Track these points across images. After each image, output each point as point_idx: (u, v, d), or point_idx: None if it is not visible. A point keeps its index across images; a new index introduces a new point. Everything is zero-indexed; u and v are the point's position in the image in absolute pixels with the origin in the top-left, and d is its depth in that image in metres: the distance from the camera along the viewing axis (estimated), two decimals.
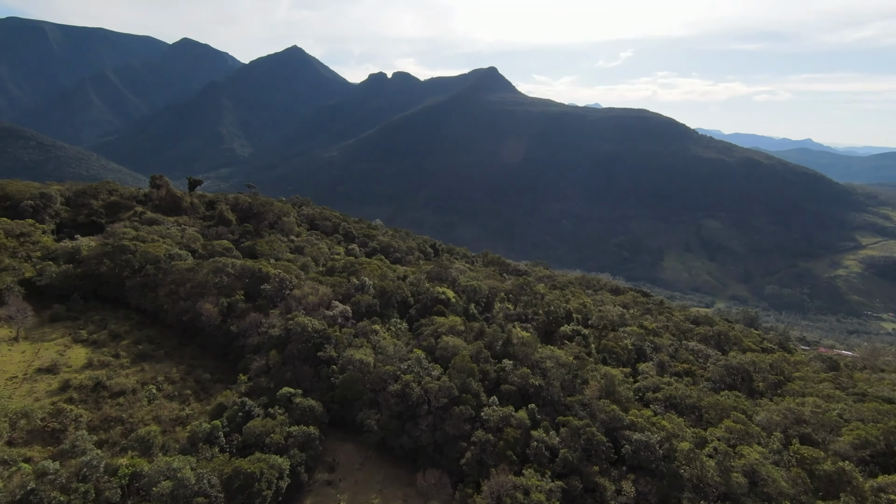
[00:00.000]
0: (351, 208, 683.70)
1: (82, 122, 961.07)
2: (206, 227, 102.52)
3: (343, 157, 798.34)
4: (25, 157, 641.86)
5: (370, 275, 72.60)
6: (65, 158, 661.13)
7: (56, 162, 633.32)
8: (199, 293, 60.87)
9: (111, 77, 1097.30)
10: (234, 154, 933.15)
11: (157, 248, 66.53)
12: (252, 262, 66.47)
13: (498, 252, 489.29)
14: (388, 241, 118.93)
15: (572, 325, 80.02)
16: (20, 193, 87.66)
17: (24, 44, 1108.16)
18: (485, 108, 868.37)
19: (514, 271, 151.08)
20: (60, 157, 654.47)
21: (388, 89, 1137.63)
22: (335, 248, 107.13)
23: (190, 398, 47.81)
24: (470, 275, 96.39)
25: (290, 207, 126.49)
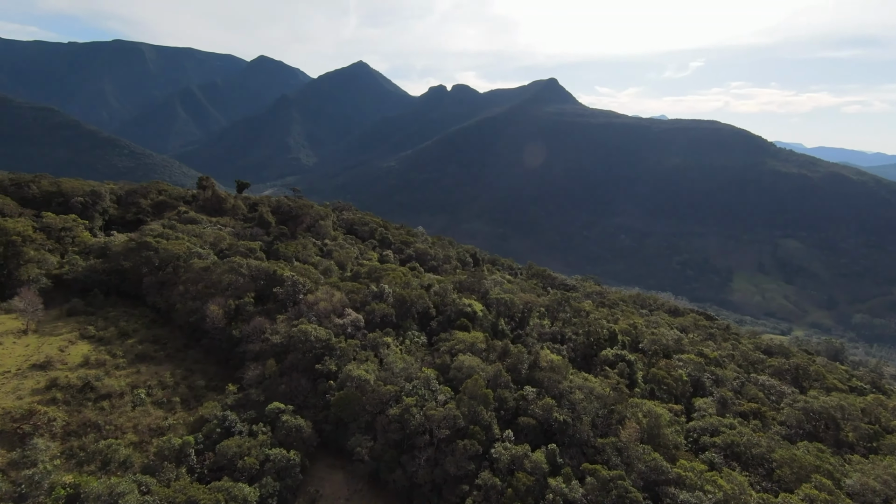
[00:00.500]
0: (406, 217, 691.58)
1: (169, 133, 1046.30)
2: (245, 228, 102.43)
3: (400, 166, 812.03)
4: (119, 163, 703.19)
5: (392, 282, 67.28)
6: (152, 165, 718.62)
7: (144, 168, 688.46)
8: (210, 293, 58.20)
9: (196, 92, 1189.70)
10: (299, 163, 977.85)
11: (178, 246, 65.02)
12: (267, 264, 63.25)
13: (552, 266, 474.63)
14: (425, 248, 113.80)
15: (616, 348, 70.31)
16: (73, 190, 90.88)
17: (126, 63, 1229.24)
18: (543, 119, 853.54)
19: (560, 285, 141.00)
20: (148, 164, 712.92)
21: (447, 101, 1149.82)
22: (368, 253, 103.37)
23: (177, 406, 44.24)
24: (505, 287, 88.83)
25: (329, 211, 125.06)
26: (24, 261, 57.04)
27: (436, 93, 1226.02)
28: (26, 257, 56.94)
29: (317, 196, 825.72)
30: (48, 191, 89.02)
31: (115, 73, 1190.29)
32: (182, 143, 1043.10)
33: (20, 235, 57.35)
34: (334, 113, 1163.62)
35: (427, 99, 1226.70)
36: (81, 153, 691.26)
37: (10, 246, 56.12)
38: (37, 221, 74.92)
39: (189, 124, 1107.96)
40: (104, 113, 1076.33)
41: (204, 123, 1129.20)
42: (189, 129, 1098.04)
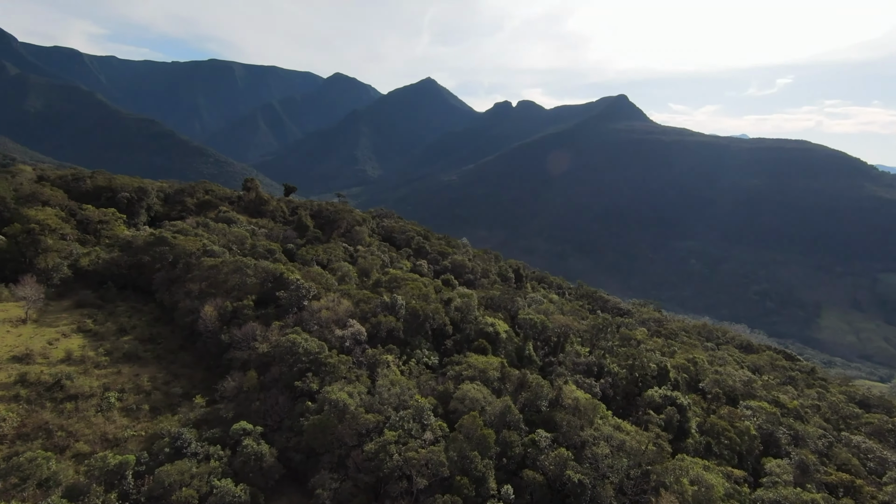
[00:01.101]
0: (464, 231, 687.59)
1: (250, 144, 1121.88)
2: (277, 230, 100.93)
3: (461, 181, 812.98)
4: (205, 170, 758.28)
5: (408, 293, 60.82)
6: (232, 173, 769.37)
7: (226, 176, 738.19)
8: (212, 293, 54.75)
9: (276, 106, 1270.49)
10: (365, 175, 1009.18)
11: (193, 243, 62.73)
12: (275, 265, 59.08)
13: (612, 289, 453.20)
14: (463, 260, 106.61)
15: (666, 387, 59.01)
16: (122, 187, 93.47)
17: (218, 80, 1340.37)
18: (610, 136, 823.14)
19: (611, 309, 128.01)
20: (229, 172, 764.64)
21: (512, 117, 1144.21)
22: (401, 262, 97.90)
23: (145, 415, 40.06)
24: (542, 307, 79.48)
25: (368, 217, 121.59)
26: (42, 249, 56.68)
27: (500, 109, 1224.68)
28: (44, 246, 56.55)
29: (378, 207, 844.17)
30: (99, 186, 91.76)
31: (209, 89, 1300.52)
32: (261, 153, 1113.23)
33: (39, 224, 57.18)
34: (401, 127, 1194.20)
35: (491, 115, 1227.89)
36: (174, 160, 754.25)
37: (28, 234, 55.97)
38: (76, 214, 76.53)
39: (268, 136, 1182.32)
40: (197, 125, 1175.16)
41: (281, 135, 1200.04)
42: (268, 140, 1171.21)
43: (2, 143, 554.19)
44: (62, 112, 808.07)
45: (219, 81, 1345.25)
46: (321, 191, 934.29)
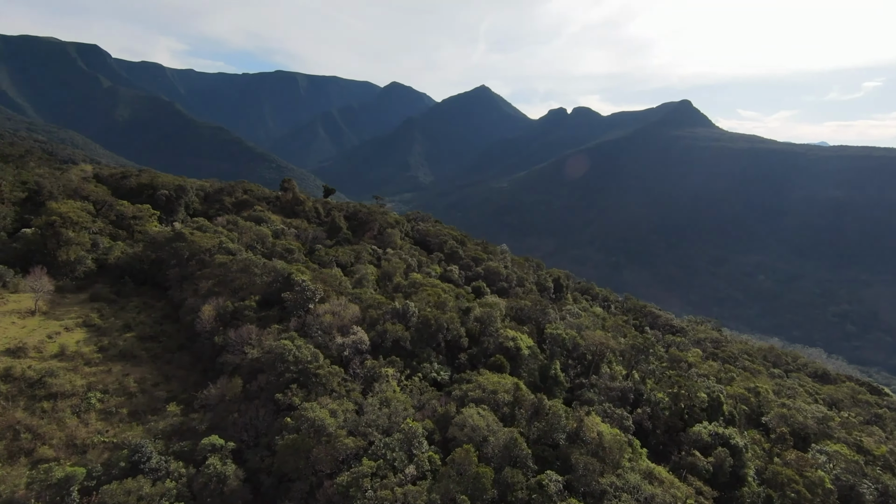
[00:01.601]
0: (512, 238, 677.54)
1: (309, 150, 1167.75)
2: (316, 231, 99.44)
3: (512, 188, 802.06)
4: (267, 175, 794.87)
5: (423, 300, 55.74)
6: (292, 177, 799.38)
7: None
8: (216, 292, 52.30)
9: (335, 115, 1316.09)
10: (417, 181, 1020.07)
11: (207, 240, 61.10)
12: (284, 265, 55.93)
13: (669, 304, 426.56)
14: (497, 267, 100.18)
15: (718, 423, 49.97)
16: (163, 185, 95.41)
17: (283, 90, 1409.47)
18: (671, 143, 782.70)
19: (662, 326, 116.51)
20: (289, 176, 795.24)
21: (567, 124, 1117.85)
22: (430, 266, 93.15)
23: (122, 420, 37.41)
24: (577, 321, 71.64)
25: (401, 220, 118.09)
26: (63, 242, 56.78)
27: (555, 115, 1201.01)
28: (64, 238, 56.62)
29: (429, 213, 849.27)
30: (143, 183, 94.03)
31: (274, 98, 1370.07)
32: (320, 159, 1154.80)
33: (60, 216, 57.44)
34: (453, 134, 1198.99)
35: (545, 122, 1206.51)
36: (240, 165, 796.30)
37: (50, 226, 56.23)
38: (112, 209, 77.88)
39: (327, 143, 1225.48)
40: (262, 132, 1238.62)
41: (339, 142, 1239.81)
42: (326, 147, 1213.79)
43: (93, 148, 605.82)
44: (145, 120, 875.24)
45: (283, 91, 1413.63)
46: (373, 195, 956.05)
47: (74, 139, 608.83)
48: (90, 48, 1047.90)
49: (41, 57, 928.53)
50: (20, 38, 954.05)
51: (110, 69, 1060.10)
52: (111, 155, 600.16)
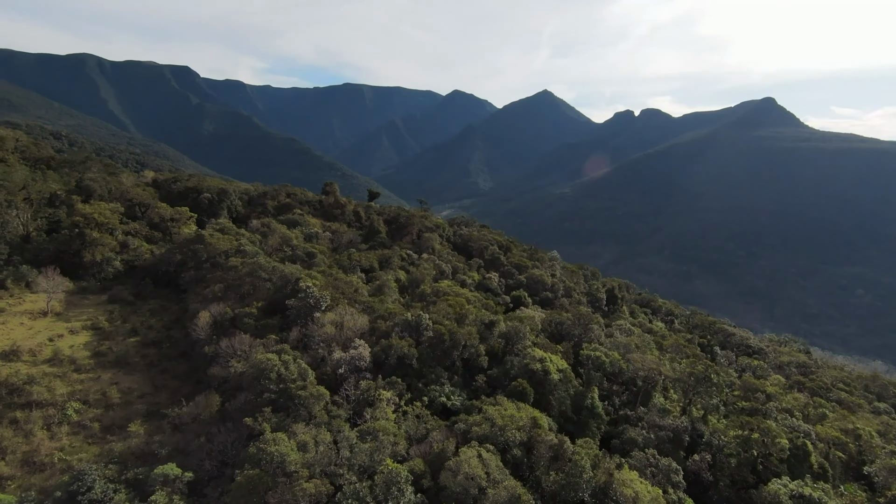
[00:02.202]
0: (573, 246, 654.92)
1: (373, 159, 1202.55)
2: (354, 234, 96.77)
3: (574, 193, 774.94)
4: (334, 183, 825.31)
5: (441, 311, 49.45)
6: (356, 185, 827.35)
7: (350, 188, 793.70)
8: (221, 297, 49.27)
9: (398, 124, 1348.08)
10: (476, 187, 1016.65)
11: (224, 243, 58.86)
12: (292, 269, 52.00)
13: (749, 319, 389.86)
14: (542, 276, 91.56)
15: (804, 482, 39.05)
16: (208, 188, 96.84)
17: (350, 102, 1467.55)
18: (752, 144, 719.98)
19: (737, 346, 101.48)
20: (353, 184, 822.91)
21: (634, 127, 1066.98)
22: (468, 273, 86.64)
23: (94, 435, 34.38)
24: (633, 340, 61.84)
25: (443, 224, 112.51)
26: (88, 242, 56.77)
27: (621, 118, 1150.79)
28: (89, 239, 56.57)
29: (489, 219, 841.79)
30: (188, 187, 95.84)
31: (342, 110, 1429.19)
32: (383, 167, 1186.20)
33: (84, 217, 57.51)
34: (514, 140, 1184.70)
35: (611, 125, 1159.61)
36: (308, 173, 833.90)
37: (75, 227, 56.40)
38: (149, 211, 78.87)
39: (390, 151, 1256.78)
40: (330, 142, 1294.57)
41: (401, 150, 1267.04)
42: (389, 155, 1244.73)
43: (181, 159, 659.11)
44: (227, 133, 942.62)
45: (350, 103, 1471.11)
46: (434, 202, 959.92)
47: (166, 151, 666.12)
48: (182, 69, 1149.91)
49: (142, 79, 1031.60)
50: (126, 63, 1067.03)
51: (199, 88, 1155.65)
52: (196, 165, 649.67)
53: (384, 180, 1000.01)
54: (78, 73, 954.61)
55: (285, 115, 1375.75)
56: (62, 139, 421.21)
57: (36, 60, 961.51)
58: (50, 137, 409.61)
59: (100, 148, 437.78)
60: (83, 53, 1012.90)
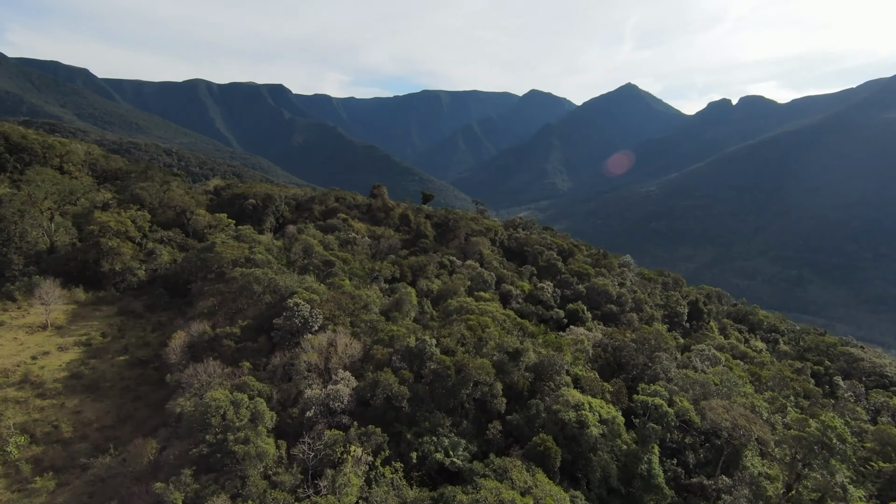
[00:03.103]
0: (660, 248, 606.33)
1: (449, 162, 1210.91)
2: (400, 238, 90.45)
3: (661, 191, 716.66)
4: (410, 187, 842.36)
5: (456, 334, 39.83)
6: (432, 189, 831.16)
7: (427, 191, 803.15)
8: (212, 312, 43.89)
9: (475, 127, 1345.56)
10: (554, 188, 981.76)
11: (232, 251, 54.14)
12: (287, 281, 45.28)
13: (877, 333, 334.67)
14: (606, 285, 77.75)
15: None
16: (254, 195, 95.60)
17: (427, 108, 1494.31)
18: (881, 129, 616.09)
19: (866, 374, 79.22)
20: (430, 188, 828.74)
21: (731, 117, 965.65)
22: (518, 283, 75.75)
23: (18, 482, 29.51)
24: (711, 376, 47.41)
25: (496, 227, 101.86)
26: (105, 252, 55.00)
27: (715, 108, 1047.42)
28: (104, 248, 54.76)
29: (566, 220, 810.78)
30: (235, 194, 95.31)
31: (419, 116, 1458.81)
32: (459, 170, 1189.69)
33: (101, 226, 55.75)
34: (594, 138, 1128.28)
35: (703, 116, 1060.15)
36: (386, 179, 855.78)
37: (89, 237, 54.85)
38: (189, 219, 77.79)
39: (466, 154, 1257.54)
40: (408, 148, 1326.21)
41: (478, 153, 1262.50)
42: (465, 158, 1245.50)
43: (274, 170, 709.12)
44: (314, 144, 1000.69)
45: (428, 109, 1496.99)
46: (510, 204, 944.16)
47: (261, 163, 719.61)
48: (277, 87, 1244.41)
49: (242, 98, 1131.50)
50: (229, 85, 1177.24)
51: (291, 103, 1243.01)
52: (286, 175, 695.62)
53: (460, 183, 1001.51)
54: (191, 96, 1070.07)
55: (367, 124, 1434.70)
56: (172, 155, 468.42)
57: (159, 88, 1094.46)
58: (162, 154, 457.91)
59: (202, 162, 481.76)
60: (196, 79, 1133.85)
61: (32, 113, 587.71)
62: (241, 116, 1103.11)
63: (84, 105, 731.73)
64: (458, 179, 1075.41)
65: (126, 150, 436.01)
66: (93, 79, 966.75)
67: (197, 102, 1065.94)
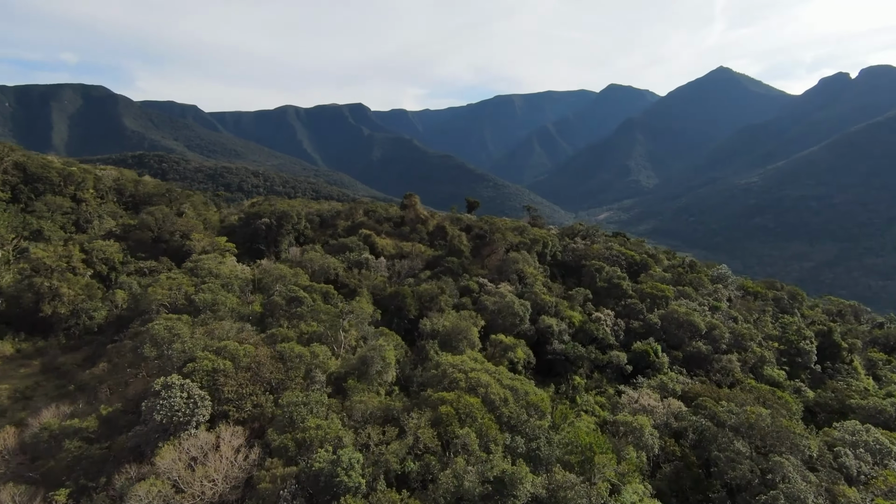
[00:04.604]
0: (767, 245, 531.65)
1: (525, 166, 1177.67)
2: (429, 255, 76.00)
3: (765, 182, 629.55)
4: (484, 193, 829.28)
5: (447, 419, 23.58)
6: (507, 194, 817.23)
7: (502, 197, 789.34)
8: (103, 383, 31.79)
9: (550, 128, 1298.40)
10: (638, 186, 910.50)
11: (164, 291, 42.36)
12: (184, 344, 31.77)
13: None
14: (687, 315, 55.89)
15: None
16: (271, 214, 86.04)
17: (501, 113, 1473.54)
18: None
19: None
20: (504, 193, 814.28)
21: (849, 93, 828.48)
22: (564, 313, 56.90)
23: None
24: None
25: (546, 237, 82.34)
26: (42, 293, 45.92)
27: (830, 84, 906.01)
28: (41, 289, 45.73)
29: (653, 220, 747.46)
30: (248, 213, 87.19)
31: (493, 122, 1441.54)
32: (535, 174, 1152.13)
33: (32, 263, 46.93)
34: (682, 129, 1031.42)
35: (813, 95, 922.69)
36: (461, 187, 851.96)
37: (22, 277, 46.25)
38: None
39: (542, 157, 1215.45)
40: (483, 155, 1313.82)
41: (554, 155, 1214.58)
42: (541, 161, 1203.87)
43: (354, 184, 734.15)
44: (392, 157, 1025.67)
45: (501, 114, 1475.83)
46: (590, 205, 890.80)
47: (342, 179, 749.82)
48: (357, 106, 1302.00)
49: (326, 119, 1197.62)
50: (315, 109, 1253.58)
51: (370, 120, 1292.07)
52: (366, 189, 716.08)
53: (536, 187, 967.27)
54: (281, 122, 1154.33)
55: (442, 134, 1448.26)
56: (259, 176, 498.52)
57: (254, 116, 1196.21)
58: (251, 176, 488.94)
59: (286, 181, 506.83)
60: (286, 105, 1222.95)
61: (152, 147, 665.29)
62: (325, 136, 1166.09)
63: (193, 137, 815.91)
64: (534, 183, 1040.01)
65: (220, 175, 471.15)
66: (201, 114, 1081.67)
67: (286, 127, 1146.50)
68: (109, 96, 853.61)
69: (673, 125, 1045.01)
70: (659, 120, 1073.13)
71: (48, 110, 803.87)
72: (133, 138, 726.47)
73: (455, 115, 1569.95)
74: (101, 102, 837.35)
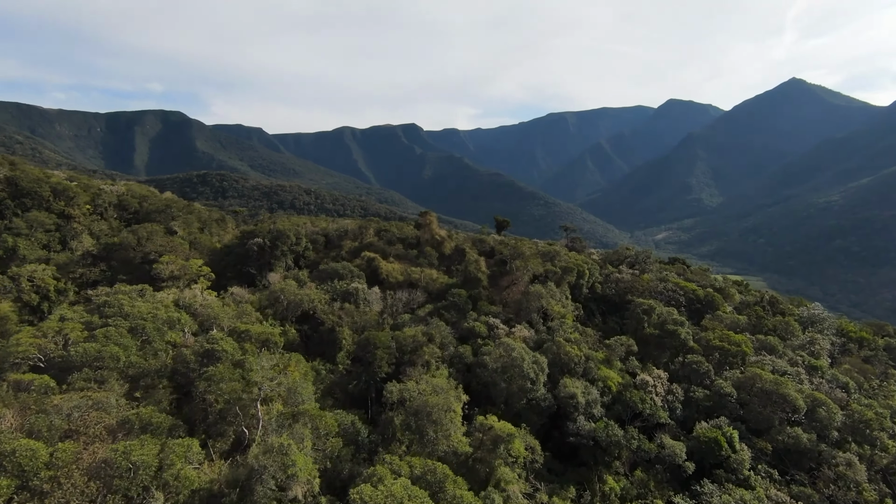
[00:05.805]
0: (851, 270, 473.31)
1: (578, 184, 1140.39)
2: (445, 284, 63.27)
3: (848, 201, 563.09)
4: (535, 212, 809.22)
5: None
6: (558, 213, 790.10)
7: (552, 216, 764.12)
8: None
9: (604, 145, 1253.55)
10: (700, 204, 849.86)
11: (25, 342, 32.09)
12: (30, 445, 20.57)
13: None
14: (775, 383, 38.70)
15: None
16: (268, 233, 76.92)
17: (553, 131, 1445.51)
18: None
19: None
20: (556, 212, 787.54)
21: None
22: (598, 372, 41.54)
23: None
24: None
25: (580, 265, 66.34)
26: None
27: None
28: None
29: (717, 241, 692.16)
30: (244, 231, 78.47)
31: (545, 140, 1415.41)
32: (588, 192, 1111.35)
33: None
34: (749, 144, 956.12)
35: None
36: (511, 204, 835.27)
37: None
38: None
39: (595, 174, 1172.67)
40: (534, 173, 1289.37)
41: (608, 172, 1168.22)
42: (595, 178, 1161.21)
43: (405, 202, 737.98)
44: (443, 175, 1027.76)
45: (553, 132, 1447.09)
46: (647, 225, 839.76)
47: (393, 197, 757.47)
48: (410, 126, 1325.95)
49: (380, 139, 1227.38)
50: (370, 129, 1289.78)
51: (422, 140, 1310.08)
52: (415, 206, 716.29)
53: (589, 205, 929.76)
54: (338, 142, 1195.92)
55: (493, 153, 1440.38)
56: (311, 194, 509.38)
57: (314, 137, 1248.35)
58: (303, 193, 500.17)
59: (335, 198, 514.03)
60: (343, 127, 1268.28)
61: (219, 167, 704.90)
62: (379, 156, 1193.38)
63: (256, 157, 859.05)
64: (586, 201, 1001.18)
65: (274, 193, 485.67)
66: (265, 135, 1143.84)
67: (343, 147, 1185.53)
68: (185, 121, 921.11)
69: (739, 140, 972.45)
70: (723, 135, 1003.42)
71: (132, 134, 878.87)
72: (203, 159, 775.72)
73: (505, 133, 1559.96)
74: (177, 126, 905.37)
